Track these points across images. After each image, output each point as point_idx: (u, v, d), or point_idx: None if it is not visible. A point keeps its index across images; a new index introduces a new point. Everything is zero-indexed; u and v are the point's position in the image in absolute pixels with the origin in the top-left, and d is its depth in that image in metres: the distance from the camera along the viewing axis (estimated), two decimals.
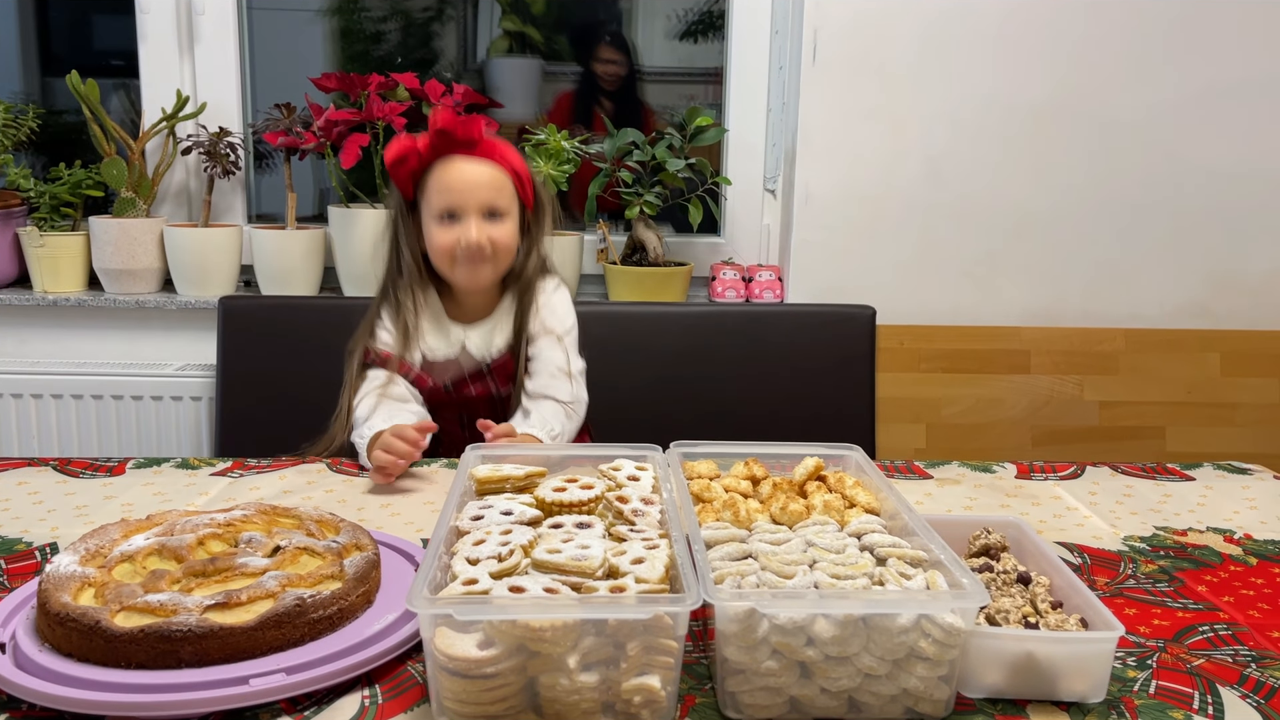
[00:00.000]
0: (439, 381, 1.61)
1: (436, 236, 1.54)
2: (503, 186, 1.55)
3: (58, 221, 2.21)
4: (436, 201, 1.53)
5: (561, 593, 0.80)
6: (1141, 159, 2.21)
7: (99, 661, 0.82)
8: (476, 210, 1.52)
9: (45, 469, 1.37)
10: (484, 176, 1.54)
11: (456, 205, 1.52)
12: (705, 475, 1.07)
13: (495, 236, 1.54)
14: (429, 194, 1.54)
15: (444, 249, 1.54)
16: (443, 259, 1.55)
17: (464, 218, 1.52)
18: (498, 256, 1.56)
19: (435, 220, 1.54)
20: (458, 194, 1.52)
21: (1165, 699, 0.86)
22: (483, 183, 1.53)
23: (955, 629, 0.76)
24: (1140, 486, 1.42)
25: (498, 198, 1.54)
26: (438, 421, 1.54)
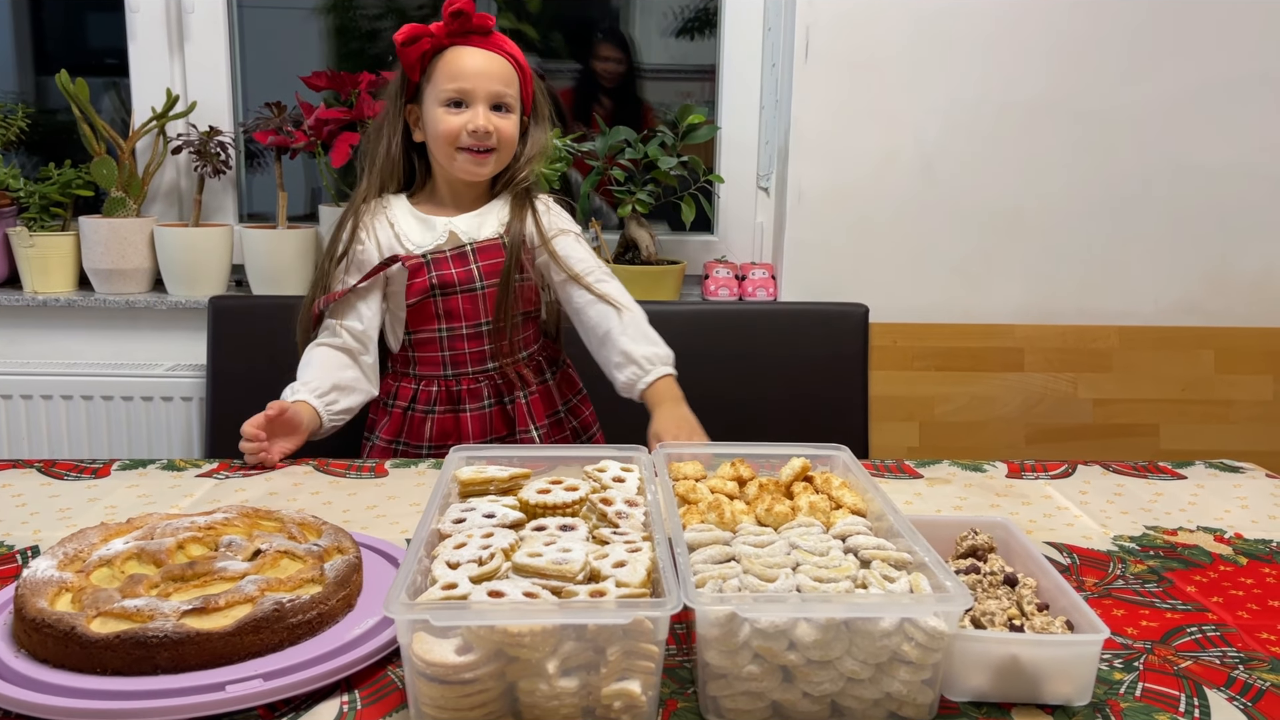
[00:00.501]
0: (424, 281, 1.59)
1: (442, 120, 1.55)
2: (510, 80, 1.58)
3: (47, 221, 2.20)
4: (446, 86, 1.54)
5: (541, 597, 0.80)
6: (1135, 156, 2.21)
7: (75, 668, 0.82)
8: (485, 99, 1.54)
9: (30, 471, 1.36)
10: (494, 66, 1.56)
11: (466, 91, 1.54)
12: (691, 476, 1.06)
13: (501, 127, 1.56)
14: (437, 79, 1.56)
15: (449, 133, 1.55)
16: (445, 145, 1.56)
17: (472, 105, 1.54)
18: (501, 148, 1.58)
19: (441, 105, 1.55)
20: (469, 79, 1.54)
21: (1151, 701, 0.85)
22: (493, 73, 1.55)
23: (938, 632, 0.76)
24: (1131, 485, 1.41)
25: (505, 90, 1.57)
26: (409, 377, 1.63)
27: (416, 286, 1.59)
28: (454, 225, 1.61)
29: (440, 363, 1.63)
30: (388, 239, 1.62)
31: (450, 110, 1.55)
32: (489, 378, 1.64)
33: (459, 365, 1.63)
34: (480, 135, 1.54)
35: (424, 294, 1.59)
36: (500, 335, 1.62)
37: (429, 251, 1.59)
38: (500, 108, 1.57)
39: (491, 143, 1.56)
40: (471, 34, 1.56)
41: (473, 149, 1.56)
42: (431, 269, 1.58)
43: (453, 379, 1.63)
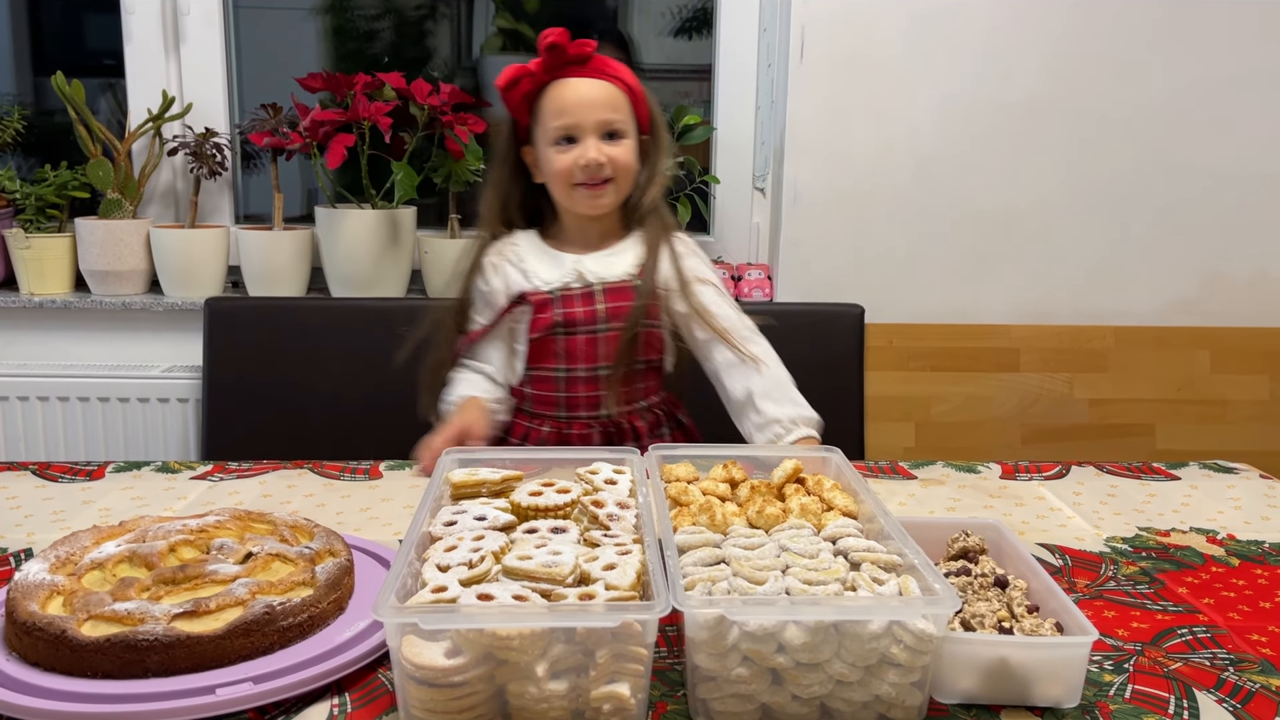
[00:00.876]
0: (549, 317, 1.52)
1: (555, 160, 1.49)
2: (619, 104, 1.50)
3: (43, 223, 2.20)
4: (553, 124, 1.48)
5: (530, 600, 0.80)
6: (1131, 156, 2.21)
7: (65, 671, 0.82)
8: (594, 130, 1.48)
9: (24, 473, 1.36)
10: (599, 94, 1.49)
11: (573, 126, 1.47)
12: (684, 478, 1.06)
13: (614, 155, 1.49)
14: (544, 118, 1.50)
15: (563, 171, 1.49)
16: (561, 183, 1.50)
17: (582, 138, 1.48)
18: (618, 178, 1.50)
19: (552, 145, 1.49)
20: (574, 113, 1.47)
21: (1141, 703, 0.85)
22: (599, 100, 1.48)
23: (927, 635, 0.76)
24: (1125, 486, 1.41)
25: (615, 116, 1.49)
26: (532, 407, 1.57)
27: (540, 322, 1.52)
28: (582, 264, 1.53)
29: (555, 403, 1.55)
30: (516, 277, 1.55)
31: (561, 148, 1.48)
32: (602, 425, 1.55)
33: (574, 408, 1.55)
34: (593, 169, 1.47)
35: (546, 330, 1.52)
36: (618, 382, 1.53)
37: (557, 289, 1.52)
38: (612, 135, 1.49)
39: (606, 173, 1.48)
40: (570, 64, 1.49)
41: (588, 183, 1.49)
42: (558, 305, 1.52)
43: (565, 421, 1.55)
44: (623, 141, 1.50)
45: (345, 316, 1.99)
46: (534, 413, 1.57)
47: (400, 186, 2.12)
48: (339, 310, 2.03)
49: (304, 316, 2.00)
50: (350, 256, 2.15)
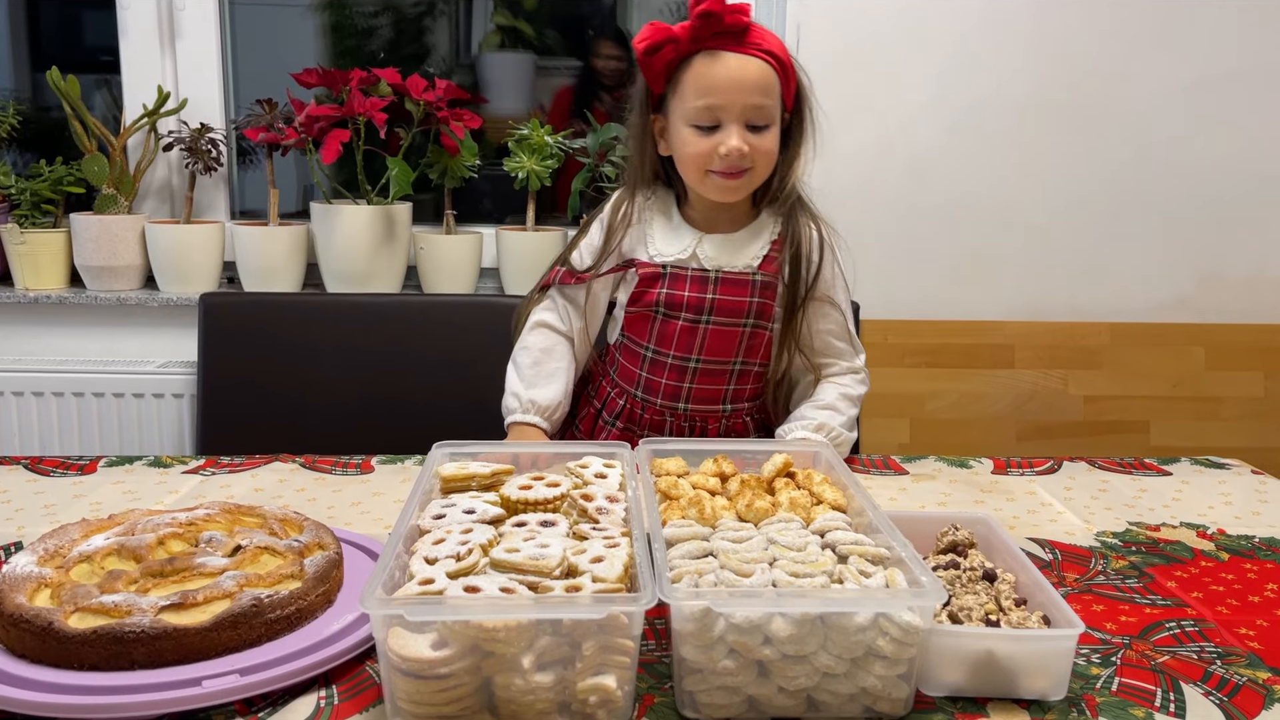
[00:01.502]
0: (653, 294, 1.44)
1: (690, 142, 1.36)
2: (770, 86, 1.34)
3: (39, 218, 2.20)
4: (694, 103, 1.33)
5: (517, 592, 0.80)
6: (1126, 153, 2.21)
7: (52, 663, 0.82)
8: (739, 116, 1.33)
9: (16, 467, 1.36)
10: (750, 74, 1.33)
11: (718, 108, 1.33)
12: (674, 472, 1.06)
13: (758, 145, 1.35)
14: (684, 91, 1.35)
15: (697, 157, 1.36)
16: (694, 167, 1.38)
17: (724, 123, 1.33)
18: (757, 167, 1.37)
19: (688, 124, 1.35)
20: (720, 93, 1.32)
21: (1127, 696, 0.85)
22: (749, 82, 1.32)
23: (913, 627, 0.76)
24: (1116, 481, 1.41)
25: (764, 101, 1.34)
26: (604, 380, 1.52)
27: (644, 297, 1.44)
28: (704, 246, 1.43)
29: (635, 380, 1.48)
30: (634, 239, 1.47)
31: (698, 131, 1.35)
32: (676, 417, 1.47)
33: (650, 392, 1.47)
34: (733, 158, 1.33)
35: (647, 306, 1.45)
36: (705, 378, 1.45)
37: (670, 264, 1.44)
38: (758, 123, 1.35)
39: (746, 164, 1.35)
40: (723, 35, 1.33)
41: (724, 172, 1.36)
42: (665, 283, 1.43)
43: (640, 402, 1.48)
44: (768, 130, 1.36)
45: (340, 312, 1.99)
46: (615, 381, 1.51)
47: (396, 182, 2.12)
48: (334, 306, 2.02)
49: (299, 312, 1.99)
50: (345, 252, 2.14)
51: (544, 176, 2.17)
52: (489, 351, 1.97)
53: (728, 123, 1.33)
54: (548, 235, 2.20)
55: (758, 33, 1.35)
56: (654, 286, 1.44)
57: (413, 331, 1.96)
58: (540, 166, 2.16)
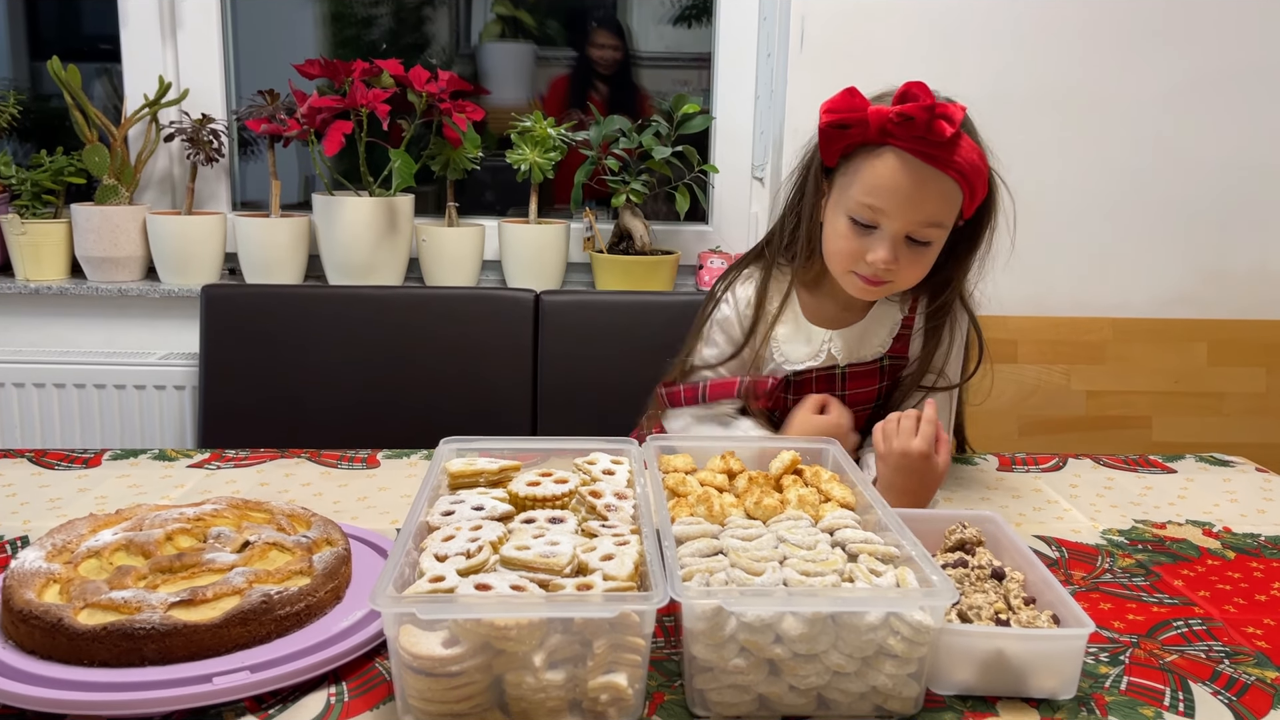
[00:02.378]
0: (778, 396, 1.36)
1: (840, 236, 1.26)
2: (949, 206, 1.23)
3: (39, 209, 2.19)
4: (858, 199, 1.22)
5: (528, 590, 0.80)
6: (1131, 148, 2.20)
7: (62, 659, 0.82)
8: (901, 229, 1.22)
9: (20, 460, 1.36)
10: (932, 192, 1.20)
11: (880, 212, 1.22)
12: (681, 469, 1.06)
13: (909, 264, 1.24)
14: (854, 180, 1.23)
15: (841, 256, 1.26)
16: (838, 261, 1.28)
17: (883, 228, 1.22)
18: (899, 283, 1.28)
19: (845, 215, 1.24)
20: (890, 203, 1.20)
21: (1136, 695, 0.86)
22: (926, 200, 1.20)
23: (924, 626, 0.76)
24: (1121, 479, 1.41)
25: (933, 226, 1.23)
26: None
27: (766, 389, 1.36)
28: (834, 343, 1.36)
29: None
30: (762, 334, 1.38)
31: (853, 227, 1.24)
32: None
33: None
34: (877, 270, 1.24)
35: (770, 394, 1.37)
36: None
37: (798, 371, 1.36)
38: (920, 240, 1.24)
39: (889, 277, 1.25)
40: (919, 140, 1.19)
41: (866, 277, 1.26)
42: (789, 391, 1.37)
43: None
44: (927, 251, 1.25)
45: (342, 304, 1.99)
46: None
47: (398, 174, 2.11)
48: (336, 298, 2.02)
49: (301, 304, 1.99)
50: (348, 244, 2.14)
51: (547, 169, 2.16)
52: (491, 344, 1.98)
53: (886, 230, 1.22)
54: (550, 228, 2.19)
55: (964, 145, 1.21)
56: (778, 390, 1.36)
57: (415, 324, 1.96)
58: (543, 159, 2.16)
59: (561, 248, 2.21)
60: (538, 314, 1.96)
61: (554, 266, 2.22)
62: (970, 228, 1.31)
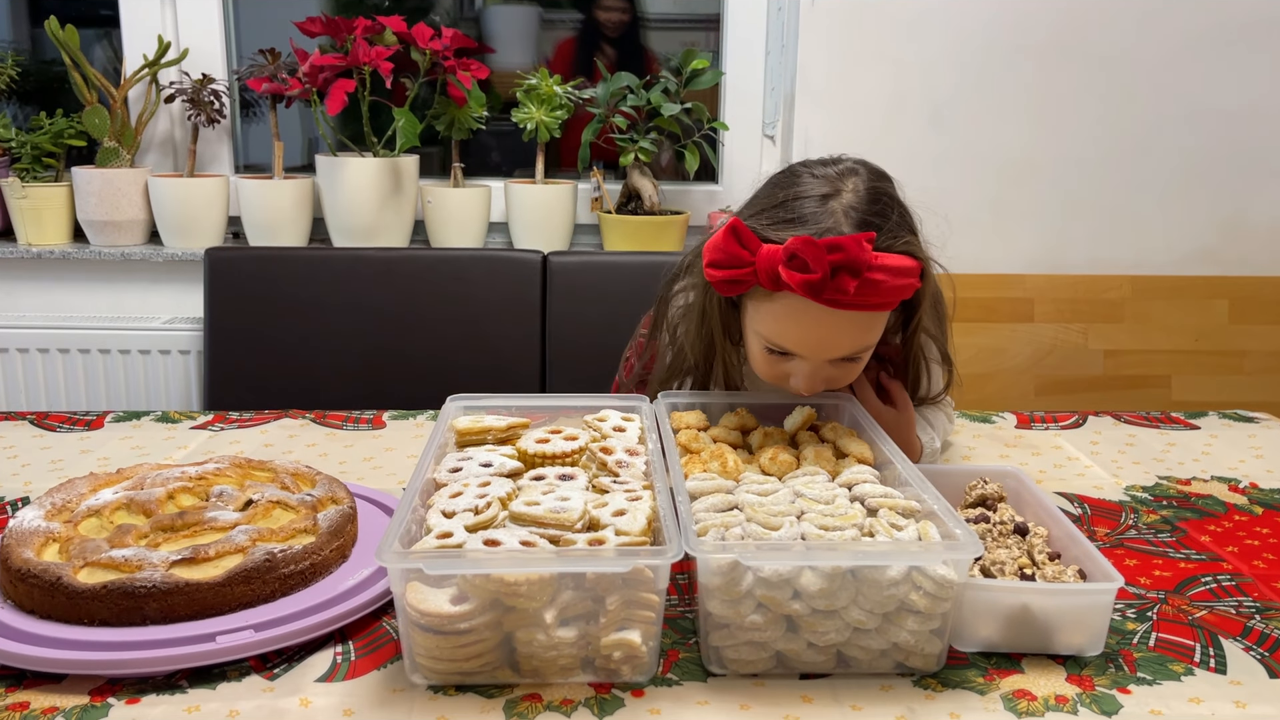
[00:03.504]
0: None
1: (757, 359, 1.09)
2: (874, 334, 1.05)
3: (40, 172, 2.16)
4: (765, 335, 1.05)
5: (538, 546, 0.77)
6: (1150, 101, 2.15)
7: (62, 618, 0.80)
8: (821, 362, 1.05)
9: (22, 423, 1.34)
10: (847, 329, 1.02)
11: (790, 348, 1.05)
12: (694, 426, 1.03)
13: (840, 376, 1.07)
14: (757, 313, 1.05)
15: (769, 376, 1.10)
16: (762, 377, 1.11)
17: (799, 360, 1.05)
18: (843, 384, 1.11)
19: (760, 340, 1.07)
20: (799, 349, 1.04)
21: (1165, 651, 0.83)
22: (841, 338, 1.03)
23: (947, 581, 0.73)
24: (1143, 436, 1.38)
25: (858, 346, 1.05)
26: None
27: None
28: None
29: None
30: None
31: (771, 355, 1.07)
32: None
33: None
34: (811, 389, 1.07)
35: None
36: None
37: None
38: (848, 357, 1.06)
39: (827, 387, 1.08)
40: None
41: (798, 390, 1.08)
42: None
43: None
44: (857, 363, 1.08)
45: (347, 267, 1.96)
46: None
47: (402, 134, 2.08)
48: (341, 261, 1.99)
49: (306, 267, 1.96)
50: (352, 206, 2.11)
51: (553, 128, 2.12)
52: (498, 306, 1.95)
53: (805, 363, 1.05)
54: (557, 188, 2.16)
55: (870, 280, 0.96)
56: None
57: (421, 286, 1.93)
58: (549, 117, 2.12)
59: (569, 208, 2.18)
60: (545, 276, 1.93)
61: (561, 227, 2.18)
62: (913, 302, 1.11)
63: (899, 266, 0.99)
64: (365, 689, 0.76)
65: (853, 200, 1.04)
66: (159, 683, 0.76)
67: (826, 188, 1.05)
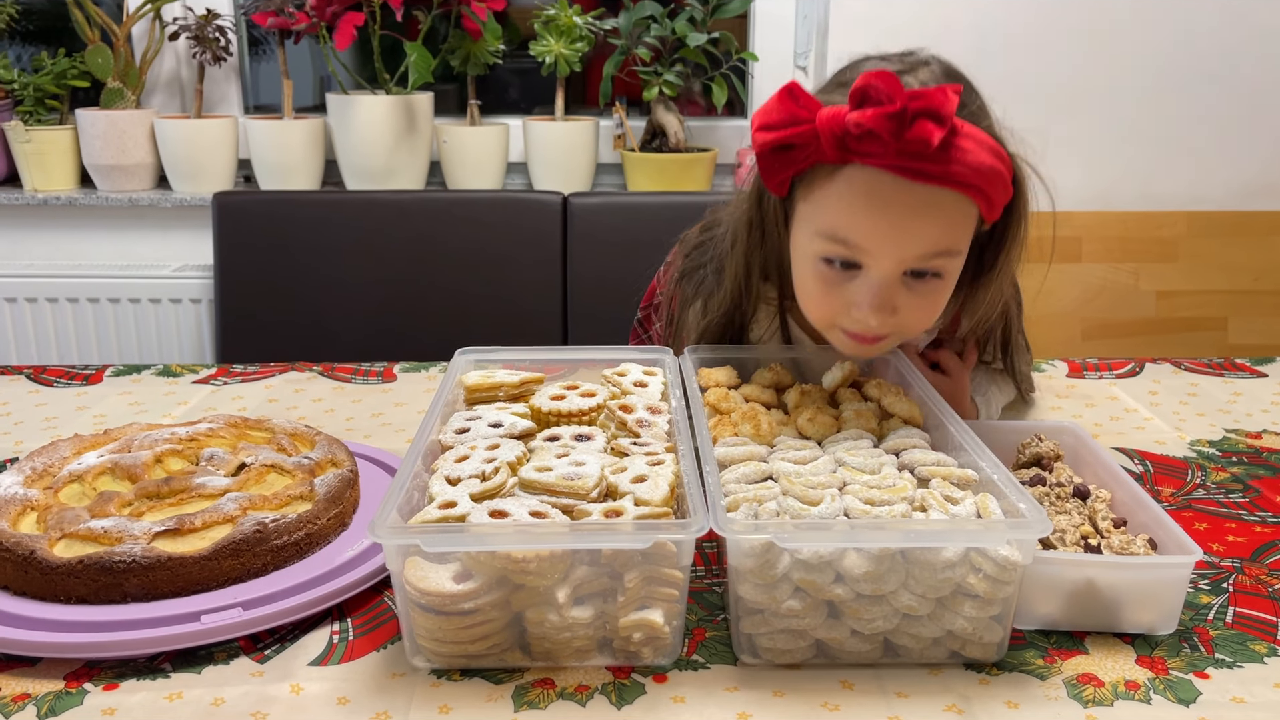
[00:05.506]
0: None
1: (810, 285, 0.91)
2: (955, 235, 0.87)
3: (43, 115, 2.09)
4: (825, 232, 0.87)
5: (550, 518, 0.70)
6: (1206, 22, 2.01)
7: (36, 595, 0.74)
8: (893, 269, 0.86)
9: (18, 377, 1.28)
10: (927, 216, 0.84)
11: (859, 255, 0.87)
12: (724, 383, 0.94)
13: (913, 311, 0.89)
14: (815, 211, 0.88)
15: (817, 309, 0.92)
16: (815, 316, 0.94)
17: (866, 272, 0.87)
18: (906, 331, 0.93)
19: (814, 257, 0.90)
20: (866, 243, 0.86)
21: (1244, 629, 0.75)
22: (920, 229, 0.85)
23: (1011, 563, 0.65)
24: (1206, 384, 1.29)
25: (939, 246, 0.87)
26: None
27: None
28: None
29: None
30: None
31: (827, 273, 0.89)
32: None
33: None
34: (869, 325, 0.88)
35: None
36: None
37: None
38: (924, 273, 0.88)
39: (886, 331, 0.90)
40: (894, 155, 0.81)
41: (855, 334, 0.91)
42: None
43: None
44: (937, 285, 0.89)
45: (361, 211, 1.88)
46: None
47: (415, 69, 1.98)
48: (354, 204, 1.91)
49: (318, 211, 1.89)
50: (365, 147, 2.02)
51: (574, 61, 2.02)
52: (517, 250, 1.87)
53: (873, 272, 0.87)
54: (578, 125, 2.06)
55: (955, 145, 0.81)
56: None
57: (437, 230, 1.85)
58: (569, 50, 2.01)
59: (590, 147, 2.09)
60: (566, 218, 1.84)
61: (583, 167, 2.09)
62: (997, 232, 0.95)
63: (988, 144, 0.84)
64: (361, 674, 0.70)
65: (928, 78, 0.90)
66: (139, 666, 0.70)
67: (898, 66, 0.91)
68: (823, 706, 0.67)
